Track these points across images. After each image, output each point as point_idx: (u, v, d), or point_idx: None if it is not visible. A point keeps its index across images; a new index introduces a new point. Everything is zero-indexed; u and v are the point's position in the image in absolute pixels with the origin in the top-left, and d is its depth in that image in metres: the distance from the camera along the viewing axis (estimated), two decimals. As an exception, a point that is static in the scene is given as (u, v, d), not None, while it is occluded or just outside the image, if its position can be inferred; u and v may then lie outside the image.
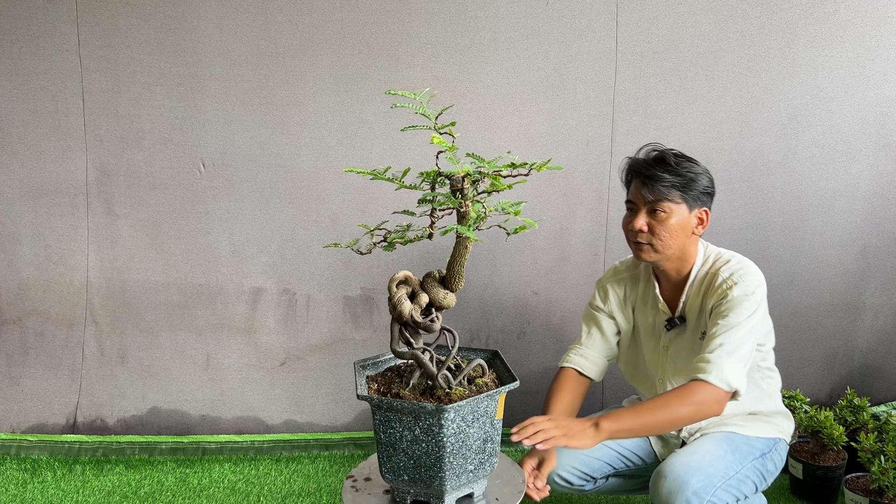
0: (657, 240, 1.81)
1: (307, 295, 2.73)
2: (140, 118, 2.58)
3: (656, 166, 1.80)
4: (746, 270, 1.79)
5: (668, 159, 1.81)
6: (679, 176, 1.79)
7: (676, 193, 1.79)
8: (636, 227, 1.82)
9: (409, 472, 1.46)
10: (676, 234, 1.81)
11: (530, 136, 2.66)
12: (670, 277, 1.92)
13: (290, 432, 2.77)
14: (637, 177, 1.85)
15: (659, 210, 1.80)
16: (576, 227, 2.73)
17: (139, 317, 2.70)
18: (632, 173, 1.88)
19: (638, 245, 1.85)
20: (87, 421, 2.71)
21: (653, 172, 1.79)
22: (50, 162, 2.60)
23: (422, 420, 1.41)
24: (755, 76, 2.65)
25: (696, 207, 1.82)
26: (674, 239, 1.82)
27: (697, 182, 1.81)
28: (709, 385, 1.66)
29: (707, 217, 1.85)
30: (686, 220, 1.82)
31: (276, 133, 2.61)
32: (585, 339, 2.05)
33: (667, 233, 1.80)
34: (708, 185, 1.84)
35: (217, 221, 2.66)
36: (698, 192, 1.81)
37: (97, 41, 2.52)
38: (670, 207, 1.80)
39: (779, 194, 2.75)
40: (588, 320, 2.08)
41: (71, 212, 2.63)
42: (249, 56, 2.56)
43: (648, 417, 1.66)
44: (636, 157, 1.89)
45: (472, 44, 2.59)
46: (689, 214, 1.82)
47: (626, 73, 2.63)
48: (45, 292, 2.67)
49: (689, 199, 1.81)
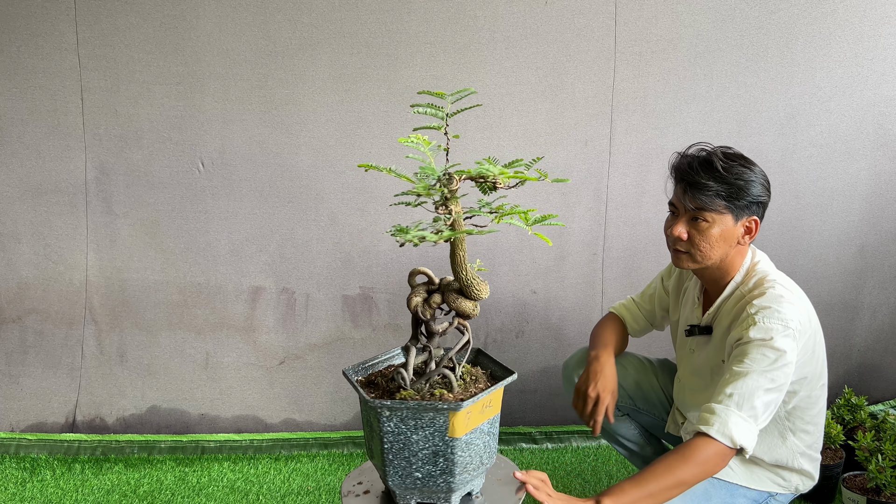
0: (696, 249, 1.70)
1: (306, 294, 2.73)
2: (139, 117, 2.58)
3: (702, 172, 1.65)
4: (774, 312, 1.60)
5: (716, 164, 1.65)
6: (726, 184, 1.64)
7: (721, 203, 1.64)
8: (675, 234, 1.71)
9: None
10: (718, 244, 1.68)
11: (529, 136, 2.66)
12: (708, 284, 1.84)
13: (289, 431, 2.77)
14: (680, 181, 1.72)
15: (700, 219, 1.67)
16: (574, 226, 2.74)
17: (138, 315, 2.70)
18: (676, 175, 1.74)
19: (676, 252, 1.75)
20: (86, 420, 2.71)
21: (696, 179, 1.65)
22: (49, 161, 2.60)
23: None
24: (753, 76, 2.65)
25: (743, 216, 1.68)
26: (714, 250, 1.69)
27: (748, 190, 1.65)
28: (712, 441, 1.53)
29: (756, 226, 1.71)
30: (730, 230, 1.68)
31: (275, 132, 2.61)
32: (640, 297, 2.15)
33: (707, 243, 1.68)
34: (760, 193, 1.68)
35: (216, 220, 2.66)
36: (748, 200, 1.66)
37: (96, 40, 2.52)
38: (713, 217, 1.66)
39: (776, 193, 2.65)
40: (653, 282, 2.14)
41: (70, 211, 2.63)
42: (248, 55, 2.56)
43: (653, 486, 1.50)
44: (683, 155, 1.74)
45: (471, 43, 2.58)
46: (734, 224, 1.68)
47: (624, 73, 2.63)
48: (44, 291, 2.67)
49: (736, 209, 1.66)
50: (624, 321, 2.12)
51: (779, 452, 1.77)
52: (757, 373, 1.56)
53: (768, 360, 1.56)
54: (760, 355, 1.57)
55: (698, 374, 1.87)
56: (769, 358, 1.56)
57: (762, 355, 1.57)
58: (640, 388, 2.10)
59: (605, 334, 2.03)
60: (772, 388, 1.57)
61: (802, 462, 1.80)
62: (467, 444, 1.45)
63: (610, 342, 1.99)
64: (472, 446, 1.47)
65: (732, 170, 1.65)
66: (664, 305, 2.10)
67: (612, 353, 1.94)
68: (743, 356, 1.58)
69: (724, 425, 1.53)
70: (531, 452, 2.73)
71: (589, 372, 1.87)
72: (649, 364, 2.16)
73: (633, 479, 1.52)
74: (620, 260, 2.78)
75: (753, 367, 1.56)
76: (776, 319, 1.59)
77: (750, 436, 1.55)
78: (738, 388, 1.56)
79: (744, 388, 1.55)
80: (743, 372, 1.57)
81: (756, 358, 1.57)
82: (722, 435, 1.53)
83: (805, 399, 1.76)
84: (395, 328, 2.76)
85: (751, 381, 1.56)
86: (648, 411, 2.12)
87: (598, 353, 1.92)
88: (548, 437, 2.79)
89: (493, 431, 1.55)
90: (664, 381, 2.12)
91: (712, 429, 1.54)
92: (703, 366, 1.84)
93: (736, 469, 1.76)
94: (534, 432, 2.80)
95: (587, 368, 1.89)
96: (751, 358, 1.57)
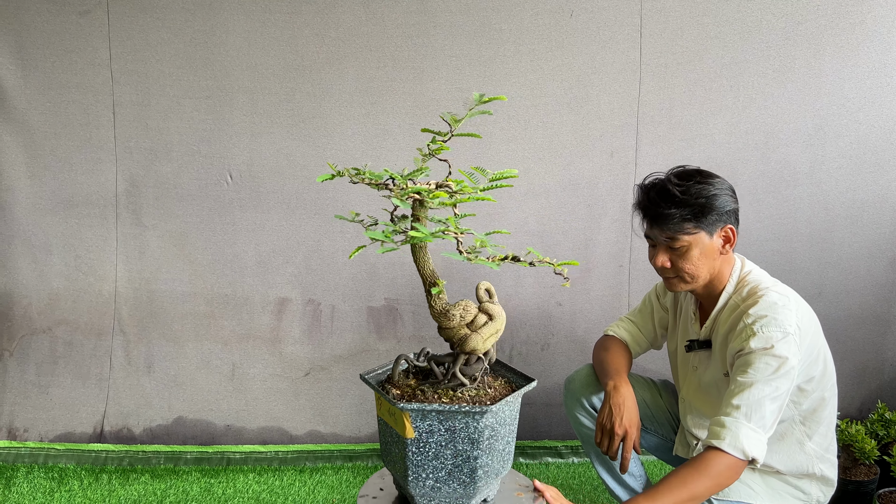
0: (683, 273, 1.71)
1: (332, 305, 2.73)
2: (169, 131, 2.61)
3: (661, 202, 1.66)
4: (772, 320, 1.60)
5: (672, 190, 1.65)
6: (688, 206, 1.64)
7: (689, 225, 1.65)
8: (658, 265, 1.73)
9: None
10: (701, 263, 1.70)
11: (554, 148, 2.65)
12: (702, 298, 1.84)
13: (314, 443, 2.76)
14: (645, 216, 1.74)
15: (676, 245, 1.68)
16: (600, 237, 2.72)
17: (166, 326, 2.72)
18: (640, 211, 1.76)
19: (667, 279, 1.77)
20: (113, 430, 2.73)
21: (658, 211, 1.67)
22: (81, 174, 2.64)
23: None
24: (780, 87, 2.63)
25: (717, 229, 1.68)
26: (700, 268, 1.70)
27: (712, 205, 1.65)
28: (724, 454, 1.52)
29: (734, 234, 1.71)
30: (709, 246, 1.69)
31: (303, 145, 2.63)
32: (637, 317, 2.11)
33: (691, 265, 1.69)
34: (726, 203, 1.67)
35: (243, 232, 2.68)
36: (716, 214, 1.66)
37: (128, 55, 2.57)
38: (688, 240, 1.67)
39: (805, 205, 2.71)
40: (646, 300, 2.11)
41: (100, 223, 2.66)
42: (276, 69, 2.59)
43: (668, 500, 1.49)
44: (641, 188, 1.76)
45: (496, 56, 2.59)
46: (710, 239, 1.68)
47: (650, 84, 2.63)
48: (74, 302, 2.70)
49: (707, 225, 1.66)
50: (626, 344, 2.06)
51: (798, 460, 1.75)
52: (762, 382, 1.56)
53: (771, 368, 1.56)
54: (763, 364, 1.56)
55: (705, 391, 1.84)
56: (772, 366, 1.56)
57: (765, 364, 1.56)
58: (649, 407, 2.08)
59: (614, 360, 1.95)
60: (777, 395, 1.56)
61: (822, 467, 1.77)
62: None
63: (622, 368, 1.92)
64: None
65: (690, 191, 1.65)
66: (664, 324, 2.07)
67: (628, 380, 1.88)
68: (746, 366, 1.58)
69: (735, 438, 1.53)
70: (557, 467, 2.70)
71: (611, 405, 1.79)
72: (653, 384, 2.13)
73: (647, 495, 1.52)
74: (647, 272, 2.74)
75: (757, 376, 1.56)
76: (774, 327, 1.59)
77: (760, 446, 1.55)
78: (744, 400, 1.55)
79: (750, 398, 1.55)
80: (747, 383, 1.57)
81: (759, 367, 1.57)
82: (734, 448, 1.53)
83: (818, 400, 1.74)
84: (419, 339, 2.76)
85: (756, 391, 1.55)
86: (656, 431, 2.09)
87: (616, 383, 1.83)
88: (573, 451, 2.75)
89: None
90: (668, 401, 2.10)
91: (724, 442, 1.53)
92: (708, 382, 1.82)
93: (757, 489, 1.75)
94: (559, 446, 2.77)
95: (608, 401, 1.81)
96: (754, 368, 1.57)
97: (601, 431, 1.81)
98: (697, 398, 1.88)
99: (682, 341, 1.95)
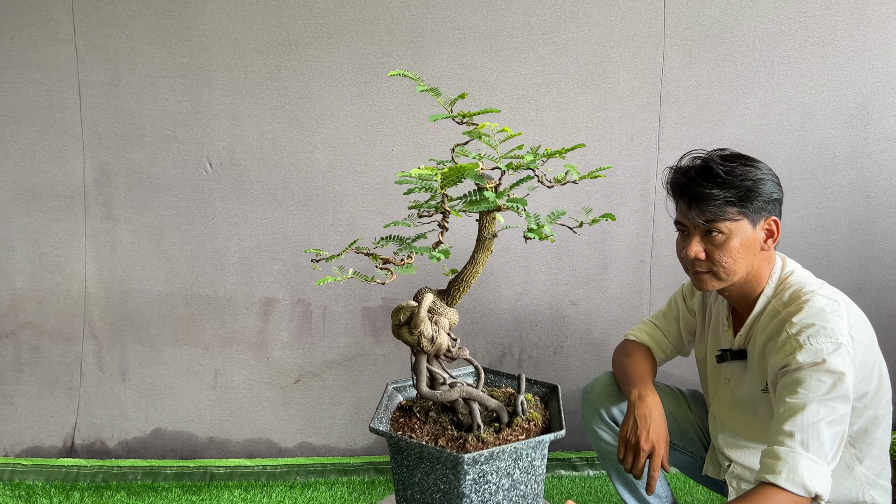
0: (718, 267, 1.52)
1: (323, 306, 2.52)
2: (141, 114, 2.40)
3: (702, 181, 1.50)
4: (820, 329, 1.41)
5: (716, 169, 1.50)
6: (733, 188, 1.48)
7: (733, 210, 1.49)
8: (691, 255, 1.53)
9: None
10: (741, 256, 1.51)
11: (568, 130, 2.43)
12: (736, 302, 1.65)
13: (306, 456, 2.58)
14: (682, 196, 1.56)
15: (715, 232, 1.51)
16: (619, 230, 2.50)
17: (141, 330, 2.52)
18: (675, 191, 1.59)
19: (696, 275, 1.57)
20: (85, 443, 2.54)
21: (699, 191, 1.50)
22: (44, 162, 2.43)
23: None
24: (820, 61, 2.42)
25: (761, 219, 1.52)
26: (739, 263, 1.52)
27: (758, 189, 1.49)
28: (781, 492, 1.33)
29: (777, 227, 1.54)
30: (751, 237, 1.51)
31: (289, 129, 2.42)
32: (661, 321, 1.94)
33: (729, 257, 1.51)
34: (773, 191, 1.52)
35: (225, 226, 2.48)
36: (762, 201, 1.50)
37: (94, 30, 2.35)
38: (728, 227, 1.50)
39: (845, 193, 2.51)
40: (672, 302, 1.93)
41: (67, 216, 2.46)
42: (259, 45, 2.38)
43: None
44: (677, 168, 1.59)
45: (504, 29, 2.37)
46: (753, 230, 1.51)
47: (674, 60, 2.41)
48: (39, 304, 2.50)
49: (751, 212, 1.50)
50: (650, 349, 1.91)
51: (846, 487, 1.57)
52: (815, 402, 1.36)
53: (825, 386, 1.37)
54: (816, 382, 1.37)
55: (739, 408, 1.67)
56: (826, 384, 1.37)
57: (818, 382, 1.37)
58: (676, 421, 1.89)
59: (637, 365, 1.79)
60: (835, 419, 1.37)
61: (873, 494, 1.58)
62: None
63: (647, 375, 1.76)
64: None
65: (735, 171, 1.50)
66: (691, 329, 1.90)
67: (654, 388, 1.71)
68: (796, 385, 1.39)
69: (793, 472, 1.33)
70: (571, 480, 2.49)
71: (636, 417, 1.63)
72: (681, 395, 1.95)
73: None
74: (670, 268, 2.53)
75: (810, 396, 1.37)
76: (824, 337, 1.40)
77: (824, 480, 1.34)
78: (797, 425, 1.36)
79: (804, 423, 1.35)
80: (799, 404, 1.37)
81: (811, 386, 1.37)
82: (793, 483, 1.32)
83: (870, 419, 1.55)
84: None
85: (810, 414, 1.36)
86: (685, 448, 1.91)
87: (640, 392, 1.68)
88: (589, 463, 2.55)
89: None
90: (698, 413, 1.92)
91: (780, 477, 1.33)
92: (743, 397, 1.64)
93: None
94: (574, 458, 2.56)
95: (632, 412, 1.65)
96: (805, 387, 1.37)
97: (625, 447, 1.63)
98: (730, 415, 1.70)
99: (711, 350, 1.77)
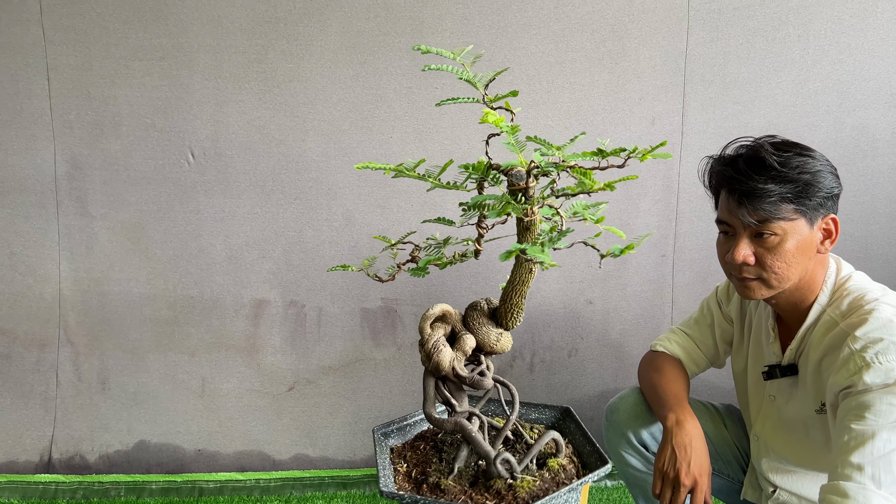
0: (770, 273, 1.34)
1: (318, 308, 2.33)
2: (116, 100, 2.20)
3: (754, 175, 1.31)
4: (890, 344, 1.24)
5: (769, 160, 1.31)
6: (789, 182, 1.30)
7: (789, 207, 1.30)
8: (739, 260, 1.35)
9: None
10: (796, 260, 1.33)
11: (583, 113, 2.22)
12: (784, 310, 1.46)
13: (301, 469, 2.41)
14: (729, 192, 1.37)
15: (767, 234, 1.32)
16: (638, 222, 2.30)
17: (121, 335, 2.33)
18: (721, 185, 1.41)
19: (743, 282, 1.38)
20: (63, 458, 2.36)
21: (751, 185, 1.31)
22: (11, 154, 2.22)
23: None
24: (859, 36, 2.21)
25: (819, 218, 1.33)
26: (793, 268, 1.34)
27: (817, 183, 1.30)
28: None
29: (836, 226, 1.36)
30: (807, 239, 1.33)
31: (278, 115, 2.22)
32: (693, 329, 1.74)
33: (783, 262, 1.33)
34: (832, 185, 1.33)
35: (210, 222, 2.28)
36: (821, 197, 1.31)
37: (63, 8, 2.14)
38: (783, 227, 1.31)
39: (886, 179, 2.31)
40: (704, 308, 1.74)
41: (38, 213, 2.26)
42: (244, 23, 2.17)
43: None
44: (721, 159, 1.41)
45: (513, 2, 2.16)
46: (810, 230, 1.33)
47: (699, 35, 2.20)
48: (10, 308, 2.30)
49: (809, 210, 1.31)
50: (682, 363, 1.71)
51: None
52: (887, 430, 1.20)
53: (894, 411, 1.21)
54: (887, 406, 1.21)
55: (787, 429, 1.49)
56: None
57: (889, 406, 1.21)
58: (713, 443, 1.71)
59: (671, 384, 1.60)
60: None
61: None
62: None
63: (683, 395, 1.58)
64: None
65: (791, 162, 1.31)
66: (727, 339, 1.71)
67: (692, 412, 1.52)
68: (862, 410, 1.22)
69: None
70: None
71: (674, 447, 1.45)
72: (715, 411, 1.77)
73: None
74: (694, 262, 2.33)
75: (880, 422, 1.20)
76: (895, 354, 1.23)
77: None
78: (867, 457, 1.19)
79: (874, 454, 1.19)
80: (868, 432, 1.20)
81: (882, 411, 1.21)
82: None
83: None
84: (423, 347, 2.35)
85: (881, 444, 1.19)
86: (721, 471, 1.73)
87: (678, 417, 1.50)
88: (608, 474, 2.36)
89: None
90: (735, 431, 1.73)
91: None
92: (792, 417, 1.47)
93: None
94: (590, 469, 2.37)
95: (669, 440, 1.46)
96: (874, 412, 1.21)
97: (661, 480, 1.45)
98: (776, 437, 1.52)
99: (753, 363, 1.59)
